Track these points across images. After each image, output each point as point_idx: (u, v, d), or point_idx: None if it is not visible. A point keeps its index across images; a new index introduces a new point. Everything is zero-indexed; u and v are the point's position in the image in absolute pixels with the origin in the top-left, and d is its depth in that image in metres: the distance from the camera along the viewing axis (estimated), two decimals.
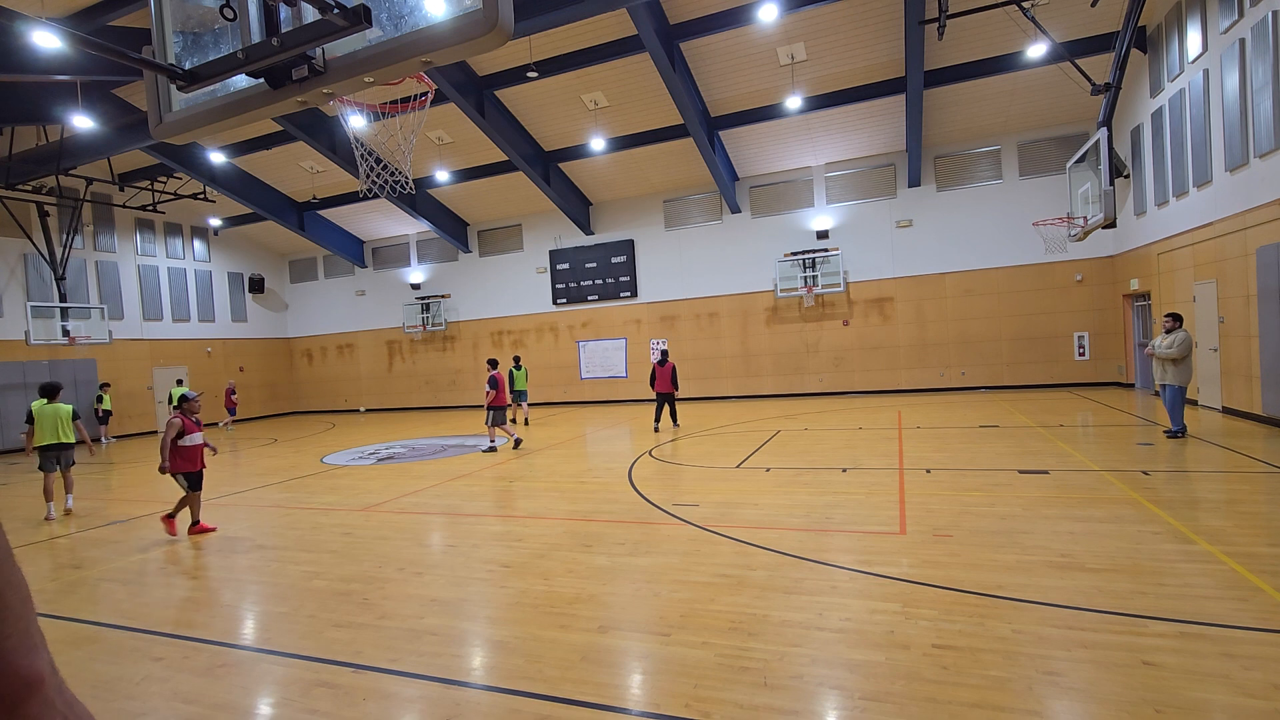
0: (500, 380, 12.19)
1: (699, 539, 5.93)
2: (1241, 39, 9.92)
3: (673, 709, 3.19)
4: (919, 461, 8.73)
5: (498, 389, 12.11)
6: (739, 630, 3.99)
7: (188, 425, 7.19)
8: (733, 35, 13.93)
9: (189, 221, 22.76)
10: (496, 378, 12.15)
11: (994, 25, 13.27)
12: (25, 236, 17.98)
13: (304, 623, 4.57)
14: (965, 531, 5.62)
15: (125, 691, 3.73)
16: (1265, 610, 3.84)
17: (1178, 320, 9.38)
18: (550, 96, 15.98)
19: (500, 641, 4.12)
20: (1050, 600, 4.12)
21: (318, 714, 3.35)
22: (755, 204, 19.38)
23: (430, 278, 23.82)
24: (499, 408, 12.24)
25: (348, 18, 1.90)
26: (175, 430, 7.13)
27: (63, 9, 11.20)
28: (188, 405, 7.32)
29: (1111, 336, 16.42)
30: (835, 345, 18.69)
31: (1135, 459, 8.13)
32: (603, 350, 21.24)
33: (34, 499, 9.90)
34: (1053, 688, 3.17)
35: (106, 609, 5.16)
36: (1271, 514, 5.70)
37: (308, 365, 26.14)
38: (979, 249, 17.38)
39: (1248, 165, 10.06)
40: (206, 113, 2.34)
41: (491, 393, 12.10)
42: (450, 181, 19.60)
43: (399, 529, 7.04)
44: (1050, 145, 16.62)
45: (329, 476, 10.66)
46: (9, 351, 17.62)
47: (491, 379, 12.13)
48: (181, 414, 7.22)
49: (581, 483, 8.96)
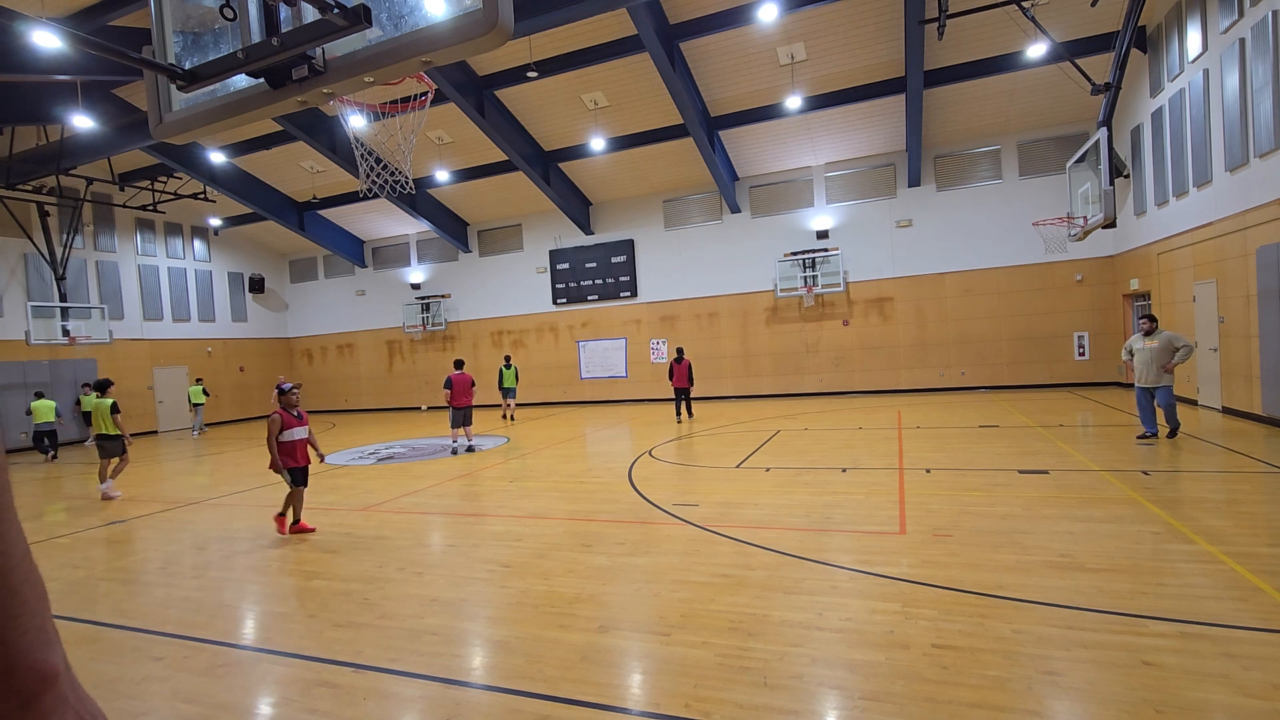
0: (455, 381, 12.06)
1: (699, 539, 5.93)
2: (1241, 39, 9.92)
3: (673, 709, 3.19)
4: (919, 461, 8.72)
5: (451, 389, 12.02)
6: (739, 630, 3.99)
7: (287, 419, 6.85)
8: (733, 35, 13.93)
9: (189, 221, 22.76)
10: (452, 378, 12.07)
11: (994, 25, 13.27)
12: (25, 236, 17.98)
13: (304, 623, 4.57)
14: (965, 531, 5.62)
15: (126, 691, 3.73)
16: (1265, 610, 3.84)
17: (1155, 322, 9.29)
18: (550, 96, 15.98)
19: (500, 641, 4.12)
20: (1050, 600, 4.12)
21: (318, 714, 3.35)
22: (755, 204, 19.38)
23: (430, 278, 23.82)
24: (458, 409, 12.13)
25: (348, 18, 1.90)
26: (278, 426, 6.79)
27: (63, 9, 11.20)
28: (286, 398, 6.93)
29: (1111, 336, 16.41)
30: (835, 345, 18.69)
31: (1135, 459, 8.13)
32: (603, 350, 21.24)
33: (34, 497, 9.91)
34: (1053, 688, 3.17)
35: (106, 609, 5.16)
36: (1271, 514, 5.70)
37: (308, 365, 26.14)
38: (979, 249, 17.38)
39: (1248, 165, 10.06)
40: (207, 113, 2.34)
41: (447, 393, 12.04)
42: (450, 181, 19.60)
43: (399, 529, 7.04)
44: (1050, 145, 16.62)
45: (329, 476, 10.66)
46: (9, 351, 17.62)
47: (447, 379, 12.11)
48: (281, 408, 6.87)
49: (581, 483, 8.96)
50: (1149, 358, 9.10)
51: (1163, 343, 9.03)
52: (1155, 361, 9.04)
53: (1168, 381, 9.05)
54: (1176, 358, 8.94)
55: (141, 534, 7.57)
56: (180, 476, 11.84)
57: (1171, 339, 9.03)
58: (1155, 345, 9.07)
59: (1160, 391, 9.09)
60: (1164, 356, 8.99)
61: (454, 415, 12.19)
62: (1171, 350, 8.97)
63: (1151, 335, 9.17)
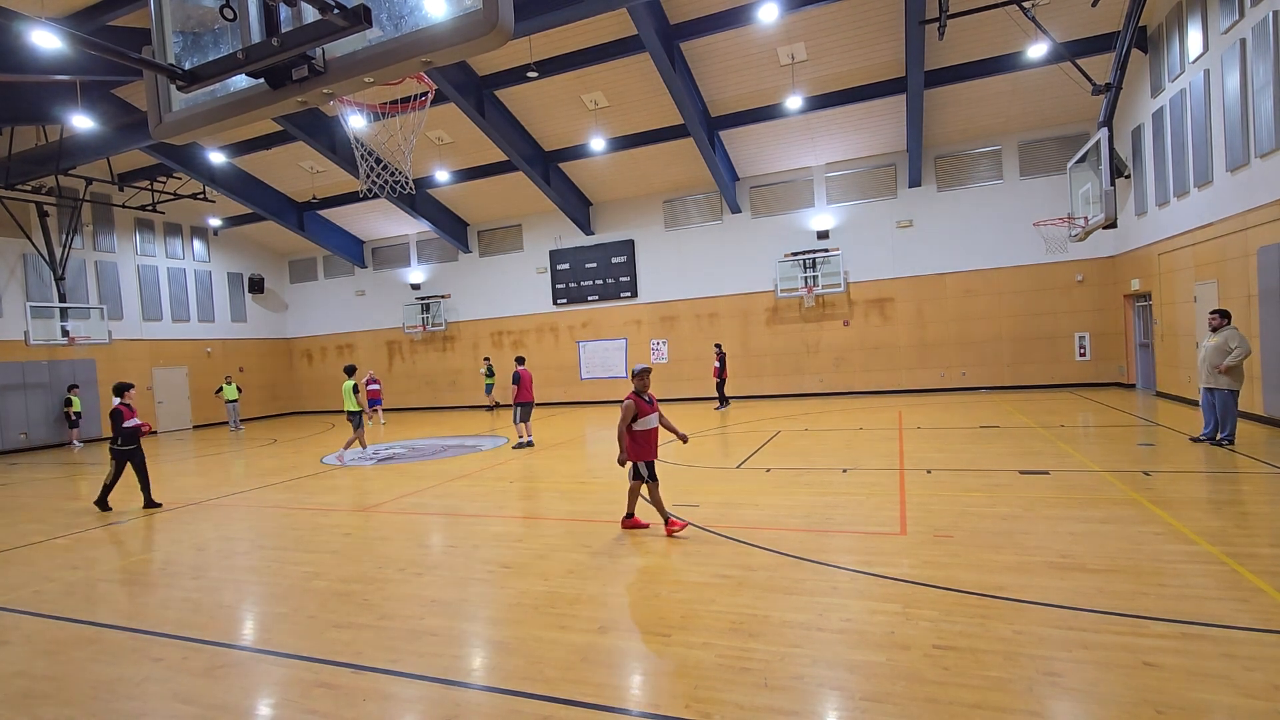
0: (525, 376, 12.35)
1: (699, 539, 5.93)
2: (1242, 39, 9.91)
3: (673, 710, 3.18)
4: (919, 462, 8.72)
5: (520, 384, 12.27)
6: (739, 631, 3.98)
7: (641, 406, 6.12)
8: (733, 35, 13.93)
9: (189, 221, 22.76)
10: (520, 374, 12.31)
11: (994, 25, 13.26)
12: (25, 236, 17.97)
13: (304, 623, 4.57)
14: (966, 532, 5.61)
15: (125, 692, 3.72)
16: (1266, 611, 3.84)
17: (1225, 317, 8.52)
18: (550, 96, 15.98)
19: (500, 642, 4.12)
20: (1051, 601, 4.12)
21: (318, 714, 3.35)
22: (755, 204, 19.38)
23: (430, 278, 23.81)
24: (526, 404, 12.36)
25: (348, 18, 1.90)
26: (630, 413, 6.06)
27: (63, 9, 11.19)
28: (640, 380, 6.21)
29: (1112, 337, 16.41)
30: (835, 345, 18.68)
31: (1136, 460, 8.13)
32: (603, 350, 21.23)
33: (39, 497, 9.89)
34: (1053, 688, 3.17)
35: (106, 609, 5.16)
36: (1272, 514, 5.69)
37: (307, 365, 26.14)
38: (979, 249, 17.38)
39: (1248, 165, 10.05)
40: (206, 113, 2.33)
41: (515, 388, 12.26)
42: (450, 181, 19.60)
43: (399, 529, 7.04)
44: (1051, 145, 16.61)
45: (329, 477, 10.65)
46: (8, 352, 17.61)
47: (515, 375, 12.30)
48: (634, 394, 6.19)
49: (582, 483, 8.96)
50: (1204, 355, 8.55)
51: (1219, 340, 8.41)
52: (1209, 360, 8.47)
53: (1224, 384, 8.40)
54: (1228, 359, 8.27)
55: (141, 534, 7.57)
56: (182, 477, 11.83)
57: (1229, 338, 8.35)
58: (1213, 343, 8.46)
59: (1216, 394, 8.51)
60: (1217, 356, 8.38)
61: (522, 410, 12.34)
62: (1226, 350, 8.32)
63: (1218, 331, 8.49)
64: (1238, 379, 8.42)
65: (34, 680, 3.94)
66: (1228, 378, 8.39)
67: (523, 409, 12.40)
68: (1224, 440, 8.59)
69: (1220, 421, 8.59)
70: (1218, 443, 8.63)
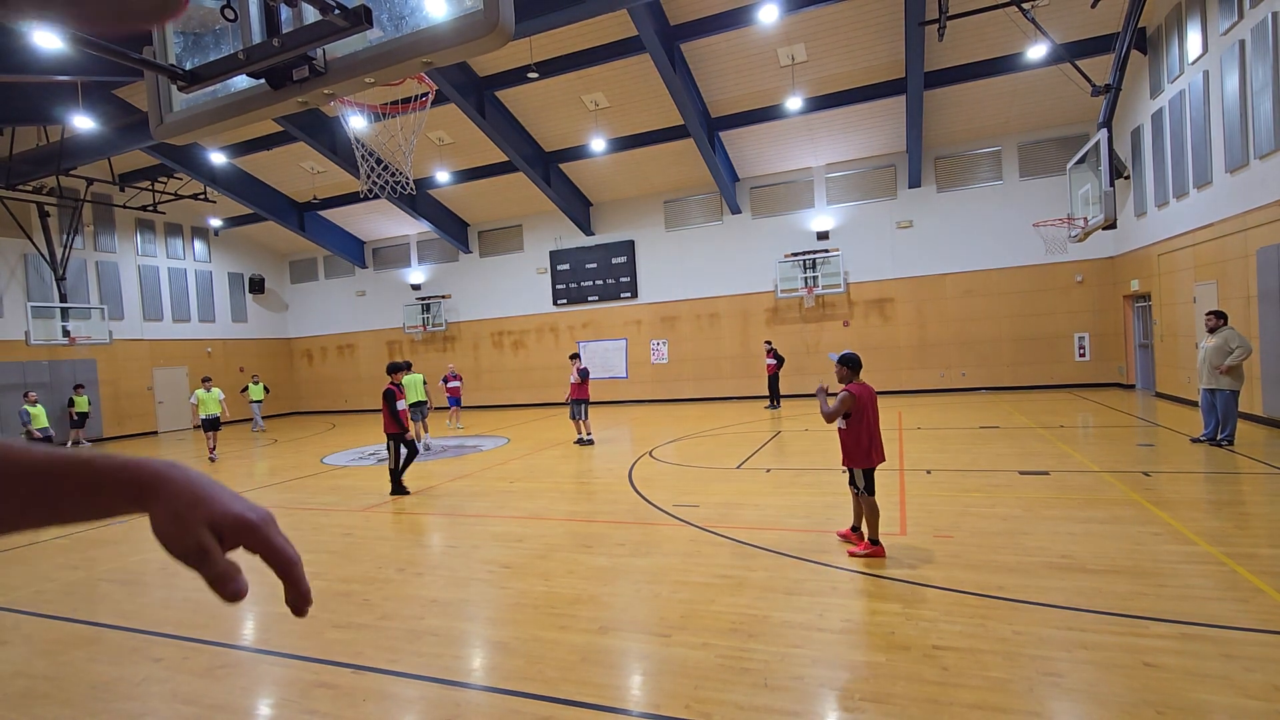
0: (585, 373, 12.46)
1: (699, 540, 5.93)
2: (1241, 40, 9.92)
3: (673, 710, 3.19)
4: (919, 462, 8.72)
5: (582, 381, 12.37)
6: (739, 631, 3.98)
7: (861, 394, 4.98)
8: (733, 36, 13.93)
9: (189, 222, 22.76)
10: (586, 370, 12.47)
11: (994, 26, 13.27)
12: (25, 237, 17.97)
13: (304, 623, 4.56)
14: (966, 532, 5.62)
15: (125, 692, 3.72)
16: (1266, 611, 3.84)
17: (1222, 318, 8.58)
18: (551, 97, 15.98)
19: (500, 642, 4.12)
20: (1051, 601, 4.12)
21: (317, 715, 3.35)
22: (755, 205, 19.38)
23: (430, 278, 23.82)
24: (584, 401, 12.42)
25: (348, 18, 1.90)
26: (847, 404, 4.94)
27: None
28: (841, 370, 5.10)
29: (1112, 337, 16.41)
30: (836, 346, 18.67)
31: (1136, 460, 8.13)
32: (603, 351, 21.23)
33: None
34: (1053, 689, 3.17)
35: (106, 609, 5.16)
36: (1272, 515, 5.69)
37: (308, 366, 26.13)
38: (979, 250, 17.38)
39: (1248, 166, 10.06)
40: (207, 113, 2.33)
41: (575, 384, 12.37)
42: (451, 182, 19.60)
43: (399, 529, 7.04)
44: (1050, 146, 16.62)
45: (329, 477, 10.66)
46: (9, 352, 17.61)
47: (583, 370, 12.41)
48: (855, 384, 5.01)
49: (582, 483, 8.96)
50: (1204, 356, 8.58)
51: (1219, 341, 8.43)
52: (1209, 361, 8.50)
53: (1225, 384, 8.40)
54: (1229, 359, 8.29)
55: (141, 534, 7.57)
56: None
57: (1229, 338, 8.39)
58: (1213, 344, 8.49)
59: (1217, 395, 8.51)
60: (1218, 356, 8.40)
61: (580, 408, 12.42)
62: (1226, 350, 8.34)
63: (1215, 332, 8.55)
64: (1238, 379, 8.44)
65: (34, 680, 3.94)
66: (1229, 378, 8.41)
67: (583, 405, 12.50)
68: (1223, 440, 8.60)
69: (1221, 422, 8.60)
70: (1217, 443, 8.63)
